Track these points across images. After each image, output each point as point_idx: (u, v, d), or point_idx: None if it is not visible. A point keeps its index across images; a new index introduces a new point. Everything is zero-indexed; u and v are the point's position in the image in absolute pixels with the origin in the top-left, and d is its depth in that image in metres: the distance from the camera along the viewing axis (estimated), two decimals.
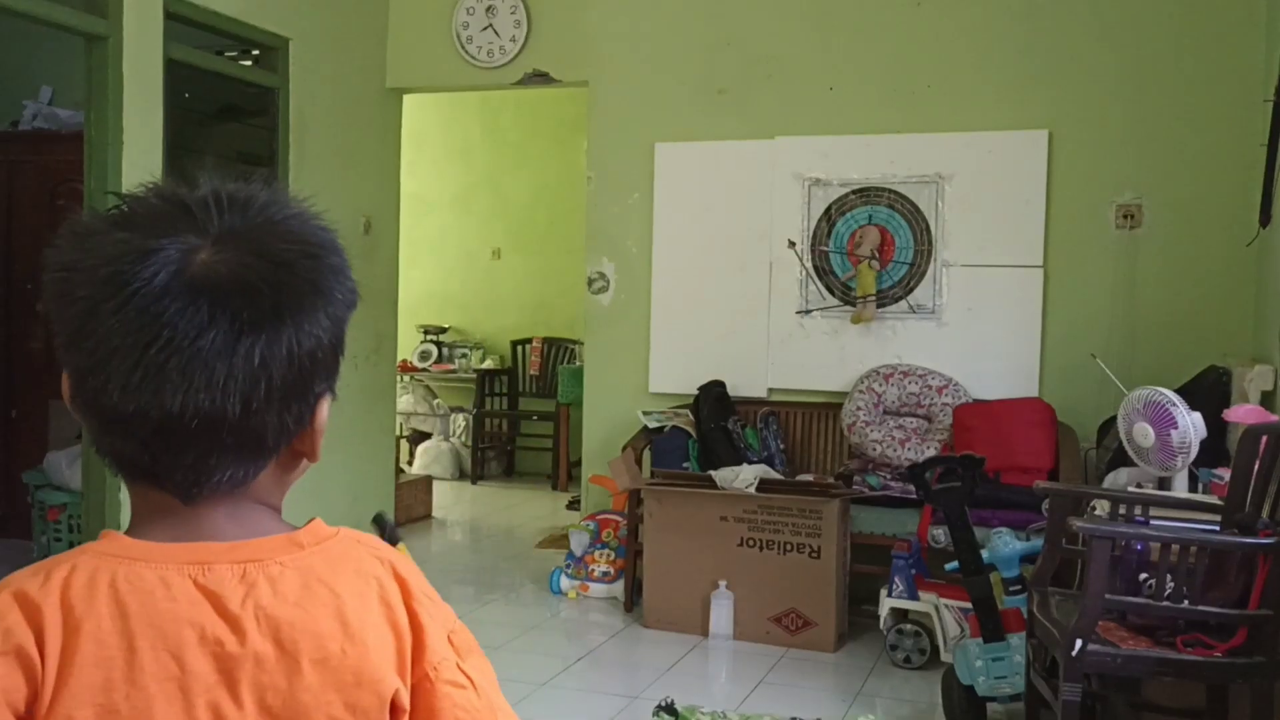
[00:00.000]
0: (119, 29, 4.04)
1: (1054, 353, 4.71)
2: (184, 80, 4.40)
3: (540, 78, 5.45)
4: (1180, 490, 3.31)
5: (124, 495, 3.39)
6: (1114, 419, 3.64)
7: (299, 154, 4.96)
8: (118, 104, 4.06)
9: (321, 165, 5.11)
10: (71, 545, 4.34)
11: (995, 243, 4.77)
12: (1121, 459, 3.74)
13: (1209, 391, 3.92)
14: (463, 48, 5.52)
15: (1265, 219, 4.14)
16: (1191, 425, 3.24)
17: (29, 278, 5.45)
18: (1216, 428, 3.54)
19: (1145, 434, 3.33)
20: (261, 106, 4.86)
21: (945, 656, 3.85)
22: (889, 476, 4.51)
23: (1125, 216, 4.63)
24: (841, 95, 4.99)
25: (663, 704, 3.31)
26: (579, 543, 4.87)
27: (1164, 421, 3.28)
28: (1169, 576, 2.66)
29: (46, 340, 5.43)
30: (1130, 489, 3.41)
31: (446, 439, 8.09)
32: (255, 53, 4.92)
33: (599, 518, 4.96)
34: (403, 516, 6.08)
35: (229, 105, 4.82)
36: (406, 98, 5.89)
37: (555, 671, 3.88)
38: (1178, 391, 3.43)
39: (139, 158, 4.14)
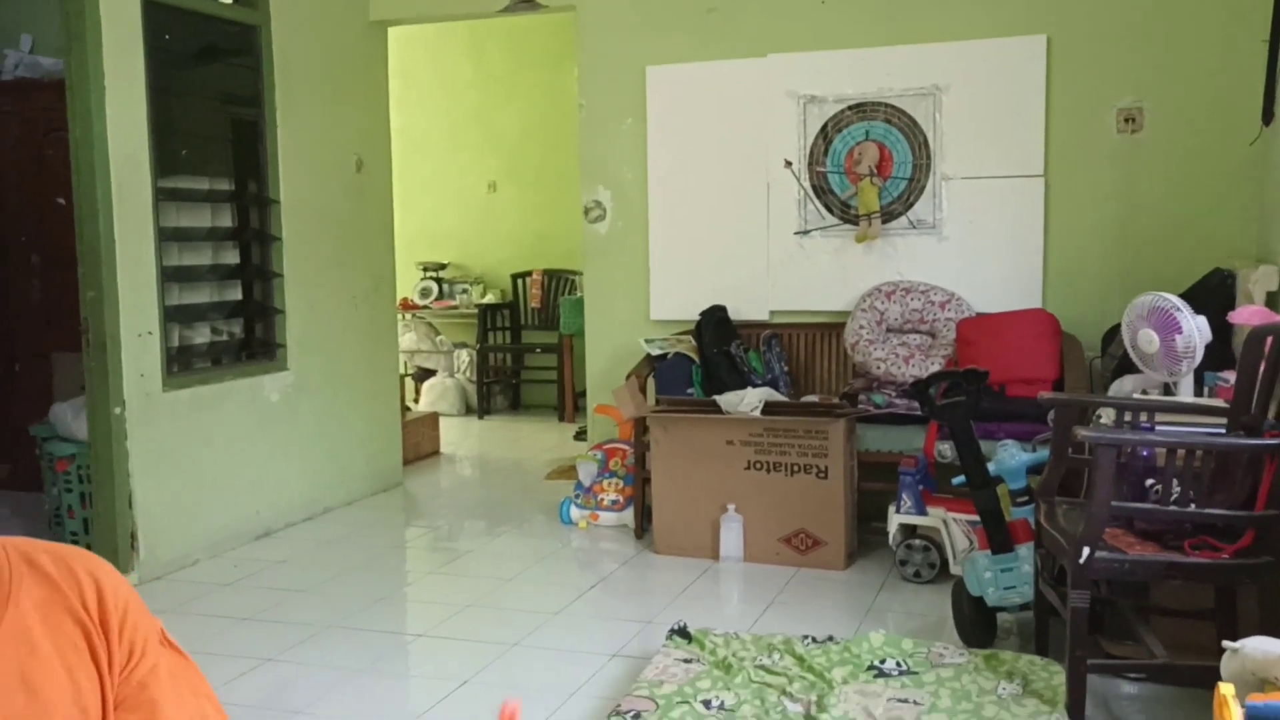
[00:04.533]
0: None
1: (1056, 262, 4.67)
2: (163, 22, 4.31)
3: (526, 4, 5.34)
4: (1186, 395, 3.29)
5: (130, 444, 3.39)
6: (1118, 327, 3.61)
7: (285, 92, 4.88)
8: (97, 49, 3.99)
9: (309, 103, 5.03)
10: (83, 496, 4.38)
11: (995, 154, 4.70)
12: (1127, 367, 3.72)
13: (1213, 294, 3.89)
14: None
15: (1268, 117, 4.07)
16: (1196, 329, 3.21)
17: (22, 230, 5.41)
18: (1222, 331, 3.51)
19: (1150, 340, 3.31)
20: (244, 45, 4.77)
21: (954, 569, 3.88)
22: (894, 394, 4.50)
23: (1126, 120, 4.56)
24: (834, 8, 4.88)
25: (675, 628, 3.34)
26: (587, 473, 4.89)
27: (1168, 327, 3.25)
28: (1175, 481, 2.66)
29: (44, 292, 5.42)
30: (1135, 396, 3.40)
31: (451, 375, 8.09)
32: None
33: (606, 447, 4.97)
34: (411, 454, 6.11)
35: (210, 45, 4.72)
36: (392, 33, 5.78)
37: (569, 600, 3.92)
38: (1182, 296, 3.40)
39: (123, 103, 4.08)
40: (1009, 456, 3.42)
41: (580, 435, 6.59)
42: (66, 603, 0.79)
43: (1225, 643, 2.00)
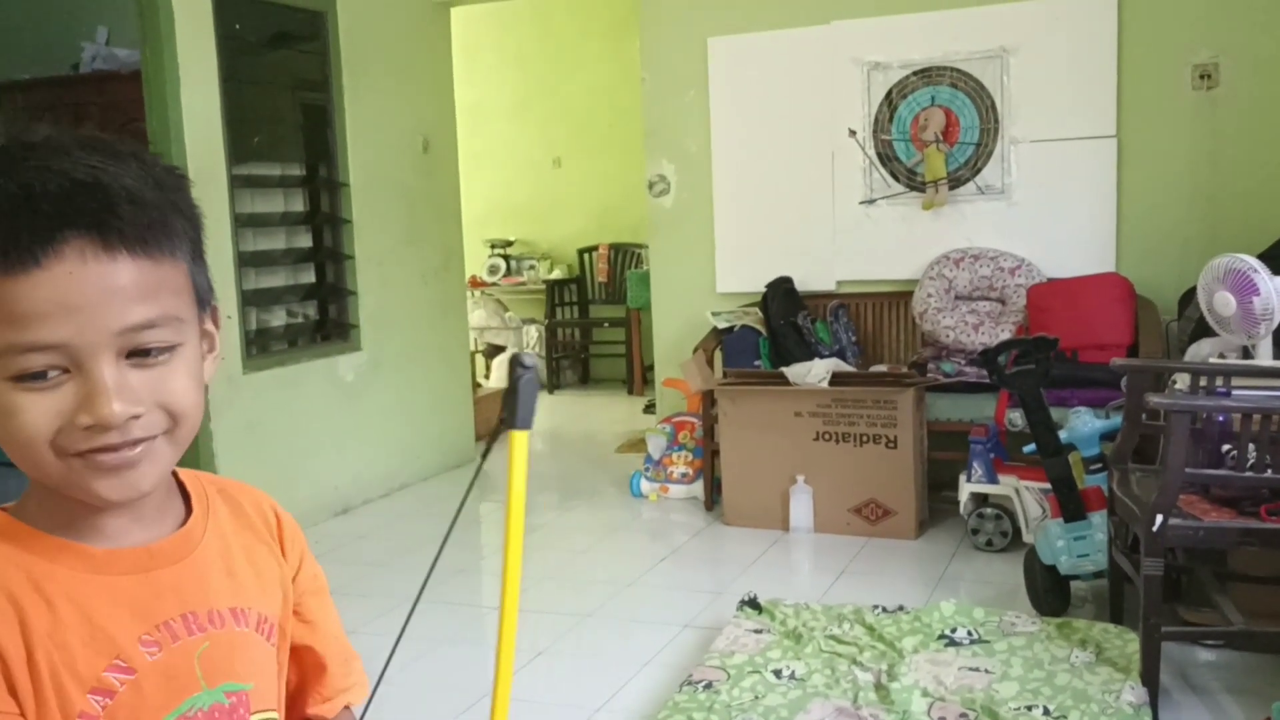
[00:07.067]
0: None
1: (1130, 225, 4.58)
2: (233, 11, 4.40)
3: None
4: (1264, 359, 3.23)
5: (214, 425, 3.47)
6: (1195, 290, 3.54)
7: (352, 77, 4.96)
8: (171, 40, 4.09)
9: (375, 87, 5.11)
10: None
11: (1065, 115, 4.61)
12: (1204, 330, 3.65)
13: None
14: None
15: None
16: (1274, 291, 3.14)
17: None
18: None
19: (1226, 303, 3.24)
20: (312, 31, 4.85)
21: (1027, 538, 3.86)
22: (963, 362, 4.47)
23: (1202, 77, 4.44)
24: None
25: (746, 598, 3.37)
26: (656, 446, 4.93)
27: (1246, 289, 3.18)
28: (1251, 446, 2.62)
29: None
30: (1213, 360, 3.34)
31: (520, 351, 8.18)
32: None
33: (675, 420, 5.01)
34: (483, 429, 6.20)
35: (280, 33, 4.81)
36: (456, 10, 5.83)
37: (640, 571, 3.97)
38: (1260, 257, 3.32)
39: (197, 93, 4.19)
40: (1081, 424, 3.39)
41: (649, 408, 6.63)
42: (249, 519, 0.95)
43: None
